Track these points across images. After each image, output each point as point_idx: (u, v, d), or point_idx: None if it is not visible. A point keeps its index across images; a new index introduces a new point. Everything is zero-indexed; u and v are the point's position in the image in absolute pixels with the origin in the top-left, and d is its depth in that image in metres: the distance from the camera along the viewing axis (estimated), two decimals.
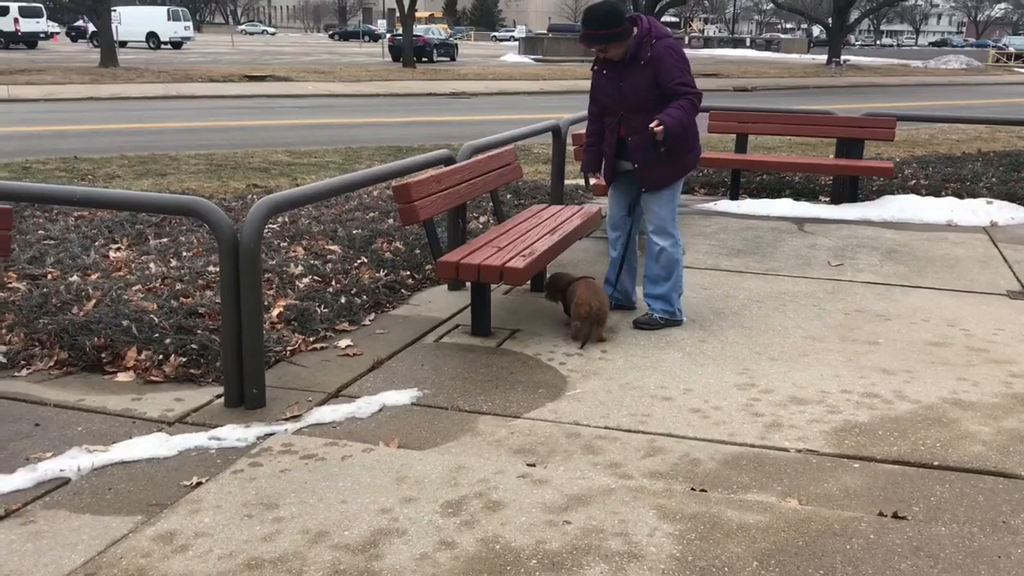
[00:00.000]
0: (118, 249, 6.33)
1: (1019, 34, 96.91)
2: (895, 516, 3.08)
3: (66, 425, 3.84)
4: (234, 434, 3.74)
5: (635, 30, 4.82)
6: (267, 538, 2.94)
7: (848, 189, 9.04)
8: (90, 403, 4.07)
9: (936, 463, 3.52)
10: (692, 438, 3.74)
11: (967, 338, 5.06)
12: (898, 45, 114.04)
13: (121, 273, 5.72)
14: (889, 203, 8.73)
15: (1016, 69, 48.71)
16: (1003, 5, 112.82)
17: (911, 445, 3.67)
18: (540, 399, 4.15)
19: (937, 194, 9.22)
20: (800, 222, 8.22)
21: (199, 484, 3.33)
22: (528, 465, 3.46)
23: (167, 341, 4.55)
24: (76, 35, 58.42)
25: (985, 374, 4.50)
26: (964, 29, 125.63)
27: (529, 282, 5.82)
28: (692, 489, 3.28)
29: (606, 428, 3.83)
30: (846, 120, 9.16)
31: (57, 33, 53.80)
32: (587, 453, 3.60)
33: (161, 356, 4.47)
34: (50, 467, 3.43)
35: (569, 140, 7.89)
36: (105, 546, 2.91)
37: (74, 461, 3.47)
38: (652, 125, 4.74)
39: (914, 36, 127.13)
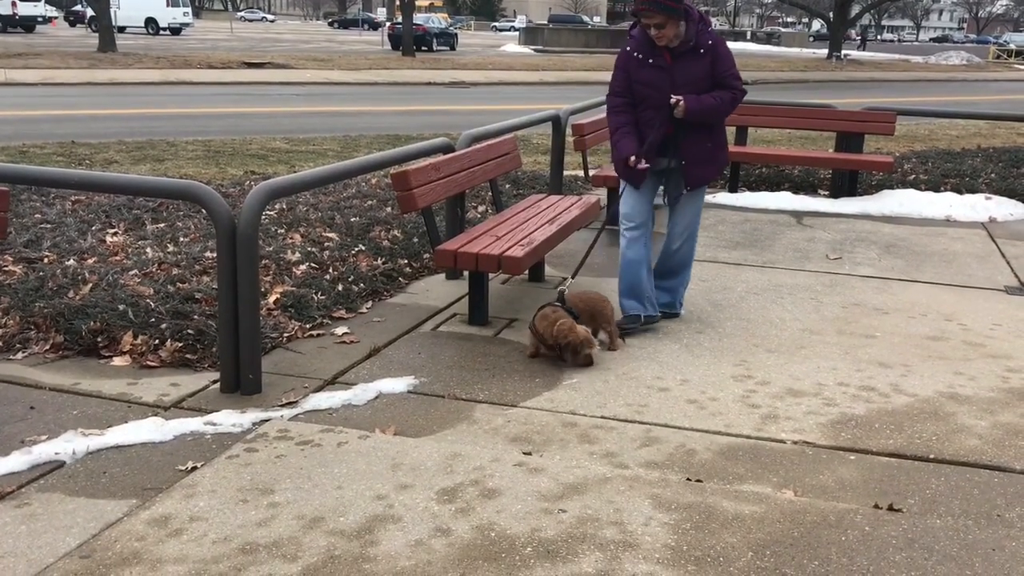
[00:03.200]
0: (115, 234, 6.31)
1: (1020, 31, 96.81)
2: (890, 508, 3.08)
3: (61, 408, 3.83)
4: (230, 419, 3.73)
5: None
6: (262, 523, 2.93)
7: (847, 183, 9.03)
8: (85, 387, 4.06)
9: (932, 456, 3.52)
10: (688, 428, 3.73)
11: (964, 333, 5.06)
12: (899, 40, 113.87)
13: (118, 258, 5.71)
14: (888, 197, 8.73)
15: (1016, 66, 48.66)
16: (1004, 2, 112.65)
17: (907, 438, 3.67)
18: (537, 388, 4.14)
19: (936, 189, 9.21)
20: (799, 215, 8.21)
21: (194, 469, 3.32)
22: (524, 453, 3.46)
23: (163, 326, 4.54)
24: (74, 20, 58.16)
25: (982, 369, 4.50)
26: (965, 25, 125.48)
27: (527, 272, 5.81)
28: (687, 479, 3.28)
29: (602, 418, 3.83)
30: (846, 114, 9.15)
31: (55, 17, 53.61)
32: (583, 442, 3.59)
33: (157, 341, 4.46)
34: (45, 450, 3.42)
35: (569, 131, 7.86)
36: (100, 529, 2.90)
37: (69, 444, 3.46)
38: (674, 98, 4.59)
39: (915, 32, 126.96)
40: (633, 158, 4.69)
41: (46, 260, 5.57)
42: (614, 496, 3.10)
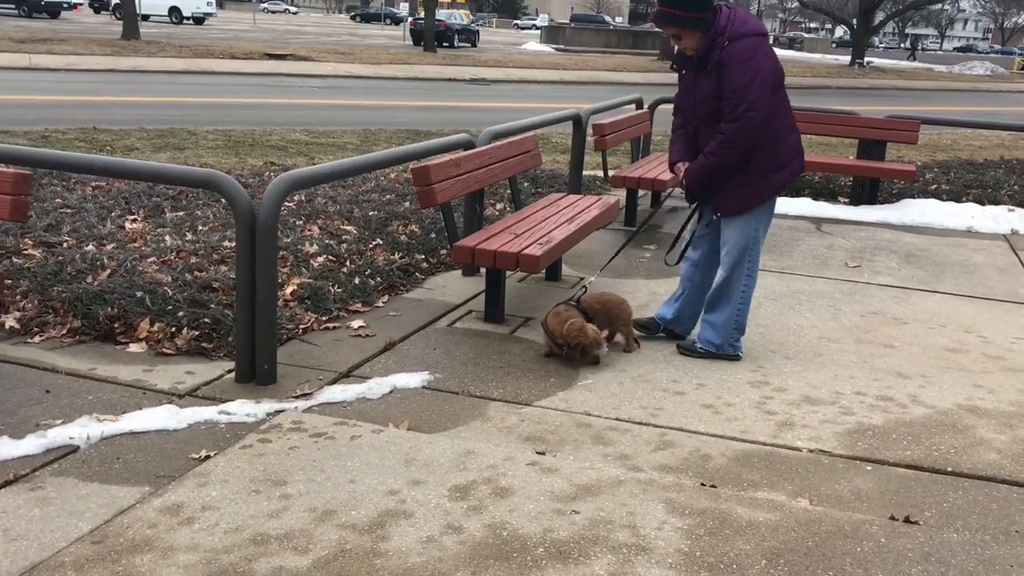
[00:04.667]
0: (134, 221, 6.33)
1: None
2: (907, 520, 3.05)
3: (76, 393, 3.84)
4: (244, 409, 3.73)
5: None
6: (274, 514, 2.93)
7: (868, 191, 8.97)
8: (101, 372, 4.07)
9: (949, 469, 3.48)
10: (703, 433, 3.71)
11: (984, 345, 5.01)
12: (922, 49, 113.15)
13: (136, 245, 5.72)
14: (909, 206, 8.66)
15: None
16: None
17: (925, 450, 3.63)
18: (551, 388, 4.12)
19: (958, 199, 9.13)
20: (818, 222, 8.15)
21: (207, 458, 3.32)
22: (538, 453, 3.44)
23: (180, 314, 4.55)
24: (99, 7, 58.43)
25: (1001, 382, 4.45)
26: (990, 36, 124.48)
27: (544, 270, 5.79)
28: (702, 484, 3.25)
29: (617, 419, 3.80)
30: (869, 121, 9.08)
31: (80, 4, 53.76)
32: (597, 444, 3.57)
33: (174, 329, 4.46)
34: (59, 434, 3.42)
35: (589, 130, 7.84)
36: (112, 515, 2.91)
37: (83, 429, 3.46)
38: (678, 166, 4.45)
39: (939, 40, 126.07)
40: (678, 167, 4.50)
41: (65, 245, 5.59)
42: (627, 499, 3.08)
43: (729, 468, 3.42)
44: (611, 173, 7.81)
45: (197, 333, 4.44)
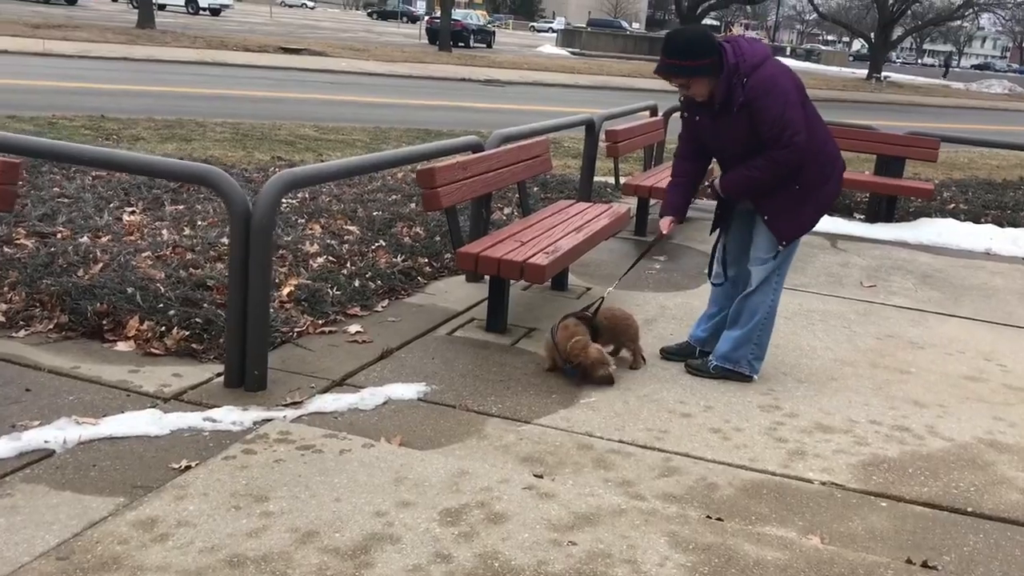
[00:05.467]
0: (132, 213, 6.18)
1: None
2: (924, 565, 2.87)
3: (57, 393, 3.68)
4: (230, 417, 3.57)
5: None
6: (253, 533, 2.76)
7: (885, 208, 8.77)
8: (85, 371, 3.91)
9: (970, 509, 3.30)
10: (710, 460, 3.53)
11: (1004, 375, 4.82)
12: (939, 65, 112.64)
13: (132, 238, 5.57)
14: (926, 226, 8.47)
15: None
16: None
17: (943, 487, 3.45)
18: (552, 405, 3.95)
19: (976, 220, 8.93)
20: (833, 238, 7.96)
21: (188, 468, 3.16)
22: (535, 476, 3.27)
23: (171, 312, 4.39)
24: None
25: (1023, 415, 4.26)
26: (1008, 54, 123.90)
27: (550, 280, 5.62)
28: (708, 517, 3.07)
29: (620, 442, 3.63)
30: (888, 137, 8.89)
31: None
32: (598, 467, 3.40)
33: (164, 328, 4.31)
34: (35, 437, 3.27)
35: (602, 136, 7.66)
36: (82, 528, 2.75)
37: (61, 433, 3.30)
38: (707, 181, 4.32)
39: (957, 58, 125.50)
40: (661, 221, 4.39)
41: (59, 235, 5.44)
42: (628, 530, 2.90)
43: (736, 499, 3.24)
44: (623, 181, 7.63)
45: (188, 333, 4.28)
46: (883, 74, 45.00)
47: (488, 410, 3.85)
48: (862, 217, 9.00)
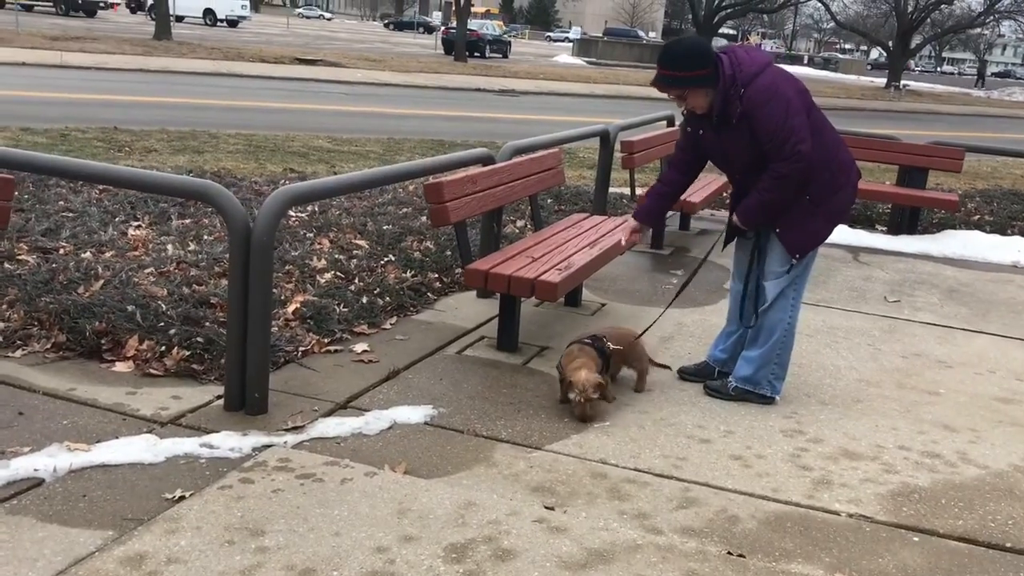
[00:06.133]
0: (138, 227, 6.07)
1: None
2: None
3: (51, 417, 3.55)
4: (228, 443, 3.42)
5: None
6: (246, 572, 2.61)
7: (908, 220, 8.56)
8: (81, 393, 3.78)
9: (1009, 544, 3.10)
10: (731, 490, 3.35)
11: None
12: (959, 73, 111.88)
13: (137, 253, 5.45)
14: (951, 238, 8.25)
15: None
16: None
17: (979, 520, 3.26)
18: (565, 429, 3.78)
19: (1003, 232, 8.71)
20: (855, 251, 7.76)
21: (181, 498, 3.01)
22: (546, 508, 3.10)
23: (172, 331, 4.26)
24: (136, 7, 58.83)
25: None
26: None
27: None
28: (729, 553, 2.90)
29: (636, 470, 3.46)
30: (911, 147, 8.68)
31: (117, 3, 54.21)
32: (613, 498, 3.23)
33: (164, 347, 4.17)
34: (24, 465, 3.13)
35: (617, 146, 7.51)
36: (67, 565, 2.60)
37: (51, 460, 3.17)
38: (638, 224, 4.28)
39: (976, 65, 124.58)
40: (627, 223, 4.35)
41: (62, 251, 5.33)
42: (644, 568, 2.73)
43: (759, 533, 3.06)
44: (639, 192, 7.48)
45: (188, 353, 4.14)
46: (902, 82, 44.63)
47: (497, 435, 3.68)
48: (884, 229, 8.79)
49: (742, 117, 3.79)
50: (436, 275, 5.72)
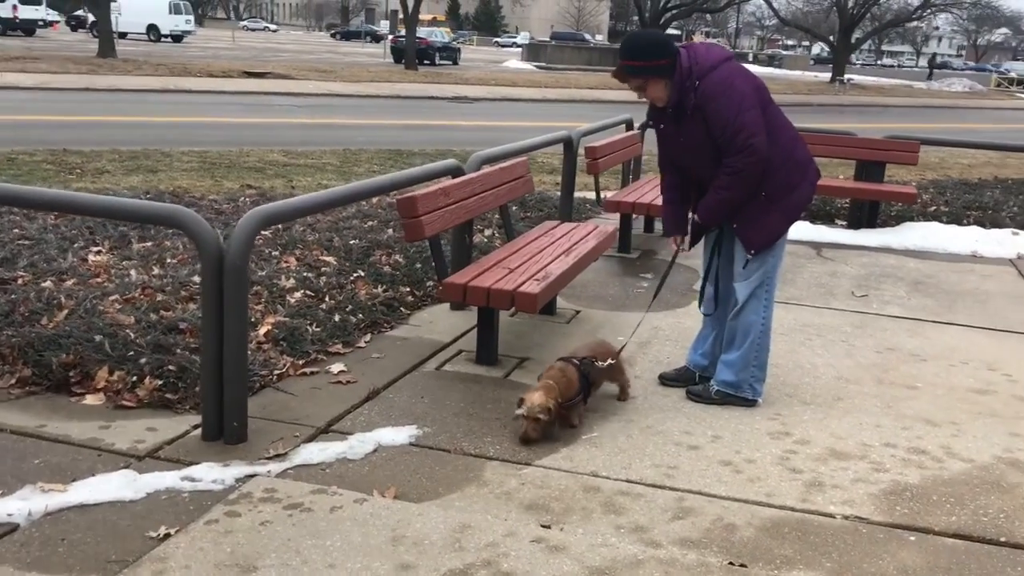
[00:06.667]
0: (98, 253, 5.90)
1: (1018, 59, 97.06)
2: None
3: (22, 457, 3.41)
4: (210, 474, 3.32)
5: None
6: None
7: (867, 214, 8.66)
8: (52, 430, 3.64)
9: (1003, 539, 3.12)
10: (725, 497, 3.33)
11: (1012, 385, 4.68)
12: (899, 66, 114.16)
13: (99, 280, 5.30)
14: (910, 230, 8.37)
15: (1018, 95, 48.53)
16: (1003, 30, 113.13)
17: (971, 515, 3.27)
18: (553, 442, 3.73)
19: (959, 222, 8.85)
20: (818, 247, 7.84)
21: (167, 536, 2.91)
22: (542, 526, 3.05)
23: (143, 360, 4.13)
24: (76, 24, 57.79)
25: None
26: (964, 53, 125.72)
27: None
28: (730, 563, 2.87)
29: (628, 481, 3.42)
30: (868, 142, 8.80)
31: (57, 21, 53.16)
32: (608, 512, 3.19)
33: (135, 377, 4.05)
34: None
35: (581, 151, 7.50)
36: None
37: (25, 504, 3.04)
38: (677, 239, 4.26)
39: (914, 57, 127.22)
40: (675, 239, 4.32)
41: (20, 281, 5.16)
42: None
43: (758, 541, 3.04)
44: (605, 196, 7.47)
45: (161, 383, 4.02)
46: (846, 77, 45.38)
47: (485, 452, 3.62)
48: (844, 224, 8.88)
49: (696, 109, 3.83)
50: (408, 289, 5.65)
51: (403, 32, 38.32)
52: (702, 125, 3.85)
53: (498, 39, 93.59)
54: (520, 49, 60.42)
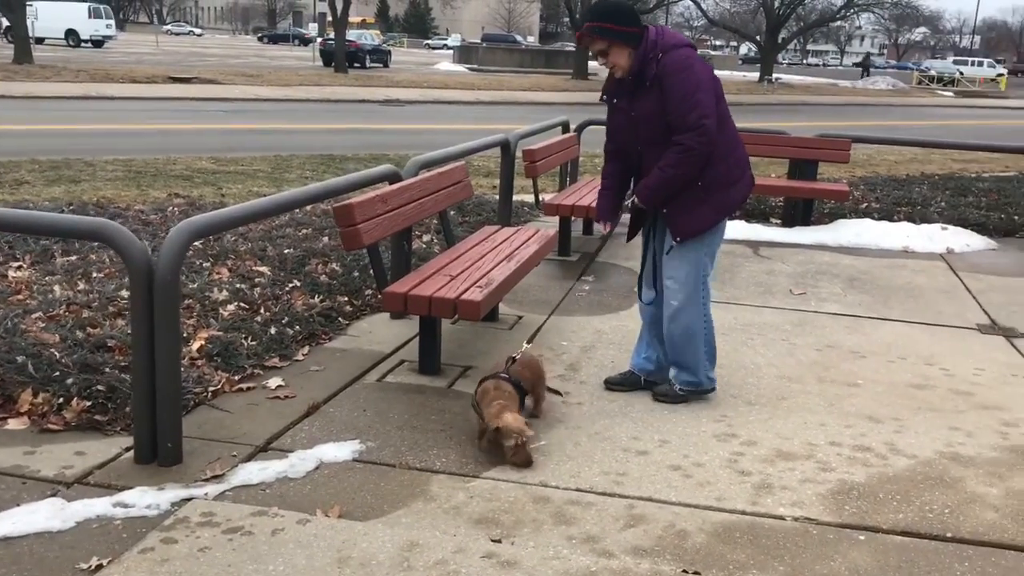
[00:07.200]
0: (19, 268, 5.66)
1: (937, 57, 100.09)
2: None
3: None
4: (144, 499, 3.18)
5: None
6: None
7: (801, 212, 8.78)
8: None
9: (949, 534, 3.14)
10: (676, 503, 3.30)
11: (949, 379, 4.75)
12: (824, 64, 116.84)
13: (21, 297, 5.07)
14: (844, 227, 8.49)
15: (940, 92, 50.02)
16: (922, 29, 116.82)
17: (917, 511, 3.30)
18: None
19: (890, 218, 9.02)
20: (755, 245, 7.91)
21: (99, 568, 2.77)
22: (492, 540, 2.98)
23: (69, 381, 3.95)
24: None
25: (977, 423, 4.17)
26: (885, 52, 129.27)
27: None
28: (684, 571, 2.83)
29: (578, 490, 3.37)
30: (801, 140, 8.92)
31: None
32: (559, 523, 3.13)
33: (61, 399, 3.86)
34: None
35: (519, 154, 7.45)
36: None
37: None
38: (627, 197, 4.22)
39: (839, 56, 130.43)
40: (603, 223, 4.32)
41: None
42: None
43: (710, 547, 3.01)
44: (544, 199, 7.43)
45: (89, 404, 3.84)
46: (774, 76, 46.25)
47: (431, 466, 3.54)
48: (778, 222, 8.99)
49: (655, 80, 3.88)
50: (346, 298, 5.52)
51: (332, 35, 37.89)
52: (658, 99, 3.89)
53: (428, 41, 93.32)
54: (451, 51, 60.26)
